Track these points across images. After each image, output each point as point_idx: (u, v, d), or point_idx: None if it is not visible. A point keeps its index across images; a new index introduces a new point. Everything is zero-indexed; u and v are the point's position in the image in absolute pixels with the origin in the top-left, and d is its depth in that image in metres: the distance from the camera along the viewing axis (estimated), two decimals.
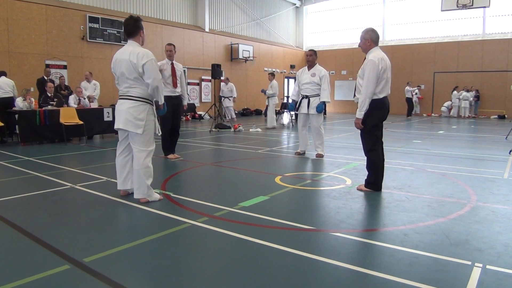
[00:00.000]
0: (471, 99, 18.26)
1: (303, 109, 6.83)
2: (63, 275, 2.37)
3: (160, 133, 4.29)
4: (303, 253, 2.68)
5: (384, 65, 4.17)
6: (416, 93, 19.01)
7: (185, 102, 6.77)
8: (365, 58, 4.27)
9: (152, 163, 4.03)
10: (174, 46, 6.55)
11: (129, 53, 3.81)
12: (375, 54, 4.18)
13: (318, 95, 6.74)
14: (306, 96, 6.79)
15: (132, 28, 3.92)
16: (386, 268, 2.46)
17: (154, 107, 4.07)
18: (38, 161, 6.40)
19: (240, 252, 2.75)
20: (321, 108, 6.68)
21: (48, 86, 9.23)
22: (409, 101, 18.49)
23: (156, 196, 4.00)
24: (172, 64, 6.40)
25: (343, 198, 4.10)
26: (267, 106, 13.37)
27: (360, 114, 4.20)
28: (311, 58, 6.76)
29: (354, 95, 4.44)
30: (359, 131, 4.42)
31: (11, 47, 11.43)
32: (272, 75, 13.14)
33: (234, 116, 13.98)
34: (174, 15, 16.86)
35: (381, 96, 4.20)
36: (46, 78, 9.96)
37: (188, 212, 3.61)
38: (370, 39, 4.25)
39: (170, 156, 6.57)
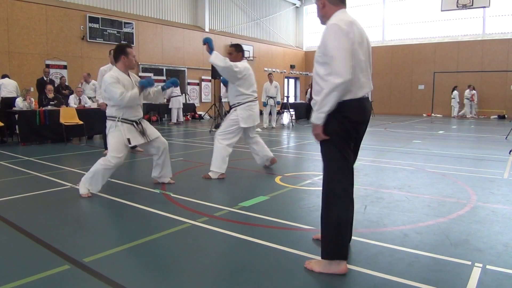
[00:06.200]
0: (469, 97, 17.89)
1: None
2: (63, 275, 2.37)
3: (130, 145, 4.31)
4: (303, 253, 2.68)
5: (358, 35, 2.41)
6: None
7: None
8: None
9: (148, 163, 4.06)
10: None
11: None
12: (341, 17, 2.42)
13: (240, 104, 5.16)
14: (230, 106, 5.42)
15: (113, 57, 4.34)
16: (386, 268, 2.46)
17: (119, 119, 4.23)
18: (38, 161, 6.40)
19: (240, 252, 2.75)
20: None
21: (48, 88, 9.23)
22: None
23: (82, 191, 4.14)
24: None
25: None
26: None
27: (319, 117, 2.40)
28: (231, 56, 5.13)
29: (311, 98, 2.99)
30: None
31: (11, 47, 11.43)
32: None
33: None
34: (174, 15, 16.86)
35: (360, 94, 2.43)
36: (45, 78, 9.97)
37: (188, 212, 3.61)
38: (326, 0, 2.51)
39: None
